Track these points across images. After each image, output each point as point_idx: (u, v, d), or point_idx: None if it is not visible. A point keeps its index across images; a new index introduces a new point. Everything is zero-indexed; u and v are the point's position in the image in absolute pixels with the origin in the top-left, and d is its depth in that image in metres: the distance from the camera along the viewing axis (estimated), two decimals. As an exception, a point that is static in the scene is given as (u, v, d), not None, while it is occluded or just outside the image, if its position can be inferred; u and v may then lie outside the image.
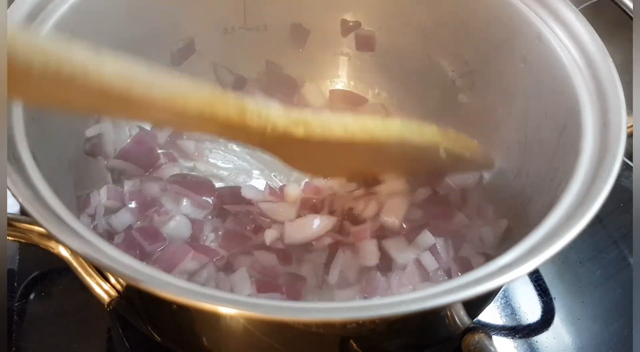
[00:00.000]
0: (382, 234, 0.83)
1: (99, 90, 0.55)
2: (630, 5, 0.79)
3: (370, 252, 0.80)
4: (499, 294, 0.91)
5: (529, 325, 0.88)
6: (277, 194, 0.90)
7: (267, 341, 0.64)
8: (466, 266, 0.79)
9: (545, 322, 0.88)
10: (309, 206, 0.88)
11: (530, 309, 0.90)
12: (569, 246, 0.57)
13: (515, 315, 0.89)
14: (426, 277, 0.79)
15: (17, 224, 0.73)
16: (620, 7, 0.80)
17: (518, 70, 0.83)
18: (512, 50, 0.84)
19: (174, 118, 0.61)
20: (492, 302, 0.89)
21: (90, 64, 0.54)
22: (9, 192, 0.58)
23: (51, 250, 0.75)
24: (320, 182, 0.90)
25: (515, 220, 0.82)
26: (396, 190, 0.86)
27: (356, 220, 0.85)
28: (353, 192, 0.88)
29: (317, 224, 0.83)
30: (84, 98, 0.56)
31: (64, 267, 0.76)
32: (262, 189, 0.90)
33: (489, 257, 0.78)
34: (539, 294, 0.91)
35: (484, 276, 0.55)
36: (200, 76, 0.98)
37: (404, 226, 0.84)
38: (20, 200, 0.57)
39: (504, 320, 0.88)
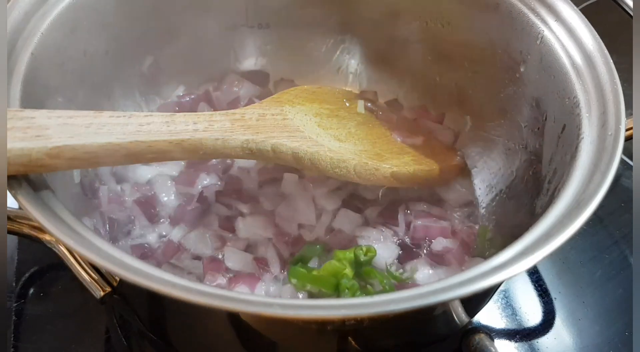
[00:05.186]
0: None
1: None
2: (631, 4, 0.79)
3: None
4: (500, 295, 0.90)
5: (530, 326, 0.88)
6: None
7: (265, 337, 0.64)
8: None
9: (546, 323, 0.88)
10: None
11: (530, 310, 0.89)
12: (565, 245, 0.57)
13: (516, 316, 0.89)
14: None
15: (10, 216, 0.73)
16: (620, 6, 0.80)
17: (518, 70, 0.83)
18: (513, 51, 0.83)
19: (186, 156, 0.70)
20: (493, 303, 0.89)
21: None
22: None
23: (45, 243, 0.75)
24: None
25: (513, 220, 0.82)
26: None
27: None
28: None
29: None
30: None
31: (61, 268, 0.76)
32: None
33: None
34: (540, 295, 0.91)
35: (480, 274, 0.55)
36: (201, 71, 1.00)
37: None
38: (12, 193, 0.58)
39: (505, 321, 0.88)
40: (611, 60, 0.72)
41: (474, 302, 0.76)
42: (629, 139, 0.68)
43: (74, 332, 0.84)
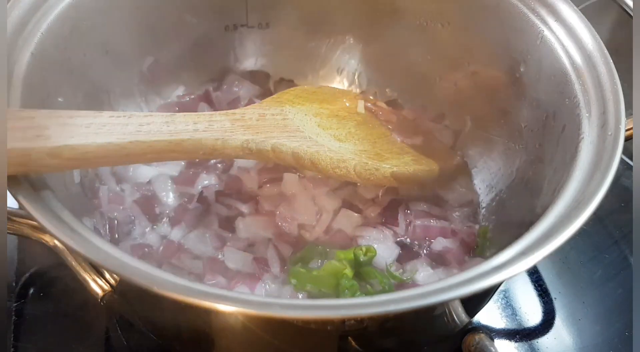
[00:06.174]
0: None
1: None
2: (631, 4, 0.79)
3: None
4: (500, 295, 0.90)
5: (530, 326, 0.88)
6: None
7: (264, 337, 0.64)
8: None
9: (546, 323, 0.88)
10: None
11: (531, 310, 0.89)
12: (565, 245, 0.57)
13: (516, 316, 0.89)
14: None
15: (10, 217, 0.73)
16: (620, 6, 0.80)
17: (518, 70, 0.83)
18: (513, 51, 0.83)
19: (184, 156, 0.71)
20: (493, 303, 0.89)
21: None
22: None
23: (45, 243, 0.75)
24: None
25: (513, 220, 0.82)
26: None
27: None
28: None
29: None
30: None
31: (61, 268, 0.76)
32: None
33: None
34: (540, 295, 0.91)
35: (480, 274, 0.55)
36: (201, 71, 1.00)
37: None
38: (12, 193, 0.58)
39: (505, 321, 0.88)
40: (611, 60, 0.73)
41: (474, 302, 0.76)
42: (629, 139, 0.68)
43: (74, 332, 0.84)
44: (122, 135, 0.62)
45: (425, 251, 0.86)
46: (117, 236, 0.85)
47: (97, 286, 0.74)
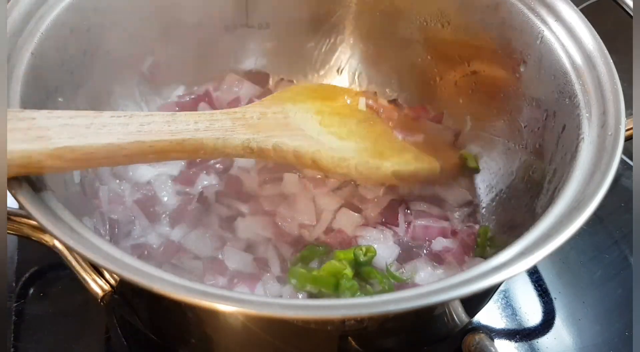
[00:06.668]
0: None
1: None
2: (631, 4, 0.79)
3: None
4: (500, 295, 0.90)
5: (530, 326, 0.88)
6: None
7: (264, 337, 0.64)
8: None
9: (546, 323, 0.88)
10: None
11: (530, 310, 0.89)
12: (565, 245, 0.57)
13: (516, 316, 0.89)
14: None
15: (10, 217, 0.73)
16: (620, 6, 0.80)
17: (518, 70, 0.83)
18: (513, 51, 0.83)
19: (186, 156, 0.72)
20: (493, 303, 0.89)
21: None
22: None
23: (45, 243, 0.75)
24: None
25: (513, 220, 0.82)
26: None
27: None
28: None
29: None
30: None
31: (61, 268, 0.76)
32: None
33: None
34: (540, 295, 0.91)
35: (480, 274, 0.55)
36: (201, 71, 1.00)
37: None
38: (12, 193, 0.58)
39: (505, 321, 0.88)
40: (611, 60, 0.73)
41: (474, 302, 0.76)
42: (629, 139, 0.68)
43: (74, 332, 0.84)
44: (123, 136, 0.62)
45: (425, 251, 0.86)
46: (117, 236, 0.85)
47: (97, 286, 0.74)
